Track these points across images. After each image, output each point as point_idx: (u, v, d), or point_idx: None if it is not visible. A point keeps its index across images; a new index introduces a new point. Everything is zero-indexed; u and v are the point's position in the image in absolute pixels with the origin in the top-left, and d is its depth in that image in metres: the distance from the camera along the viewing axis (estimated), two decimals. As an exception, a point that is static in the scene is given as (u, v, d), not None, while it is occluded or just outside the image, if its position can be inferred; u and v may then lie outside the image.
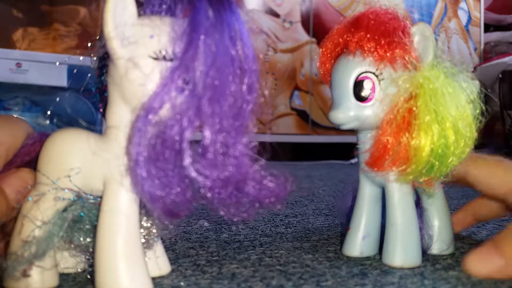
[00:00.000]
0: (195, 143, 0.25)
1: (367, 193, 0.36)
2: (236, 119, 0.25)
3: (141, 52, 0.25)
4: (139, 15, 0.26)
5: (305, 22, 1.93)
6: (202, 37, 0.24)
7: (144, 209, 0.28)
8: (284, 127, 1.86)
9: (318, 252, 0.37)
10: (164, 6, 0.27)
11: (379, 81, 0.32)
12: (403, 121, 0.31)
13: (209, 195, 0.25)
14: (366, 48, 0.32)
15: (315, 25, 1.95)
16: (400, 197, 0.33)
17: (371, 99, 0.32)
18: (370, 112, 0.33)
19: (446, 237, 0.36)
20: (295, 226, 0.47)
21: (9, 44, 1.19)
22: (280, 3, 1.88)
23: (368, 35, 0.32)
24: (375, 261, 0.34)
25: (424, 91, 0.31)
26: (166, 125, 0.24)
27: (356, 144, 0.35)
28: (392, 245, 0.33)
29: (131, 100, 0.25)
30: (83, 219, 0.27)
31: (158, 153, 0.24)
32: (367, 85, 0.32)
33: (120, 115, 0.26)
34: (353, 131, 0.35)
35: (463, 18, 2.16)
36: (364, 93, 0.32)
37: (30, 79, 1.15)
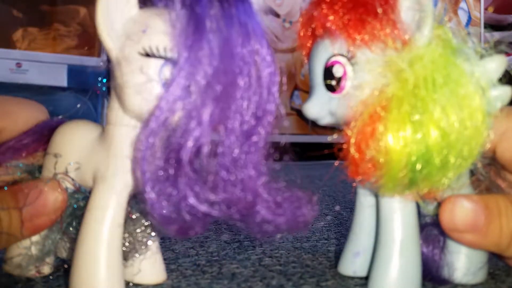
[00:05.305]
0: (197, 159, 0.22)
1: (364, 203, 0.30)
2: (248, 134, 0.22)
3: (131, 47, 0.23)
4: (143, 7, 0.24)
5: (305, 22, 1.93)
6: (206, 34, 0.21)
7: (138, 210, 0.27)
8: (284, 127, 1.86)
9: (318, 252, 0.37)
10: None
11: (352, 66, 0.26)
12: (370, 117, 0.24)
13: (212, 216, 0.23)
14: (332, 28, 0.26)
15: (315, 25, 1.95)
16: (394, 209, 0.27)
17: (342, 89, 0.26)
18: (343, 105, 0.26)
19: (474, 264, 0.28)
20: (295, 226, 0.47)
21: (9, 44, 1.19)
22: (280, 3, 1.88)
23: (333, 11, 0.26)
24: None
25: (405, 77, 0.24)
26: (170, 133, 0.22)
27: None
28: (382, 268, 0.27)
29: (120, 97, 0.24)
30: (79, 213, 0.27)
31: (163, 168, 0.22)
32: (337, 71, 0.26)
33: (116, 111, 0.25)
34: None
35: (463, 18, 2.16)
36: (333, 81, 0.26)
37: (30, 79, 1.15)
